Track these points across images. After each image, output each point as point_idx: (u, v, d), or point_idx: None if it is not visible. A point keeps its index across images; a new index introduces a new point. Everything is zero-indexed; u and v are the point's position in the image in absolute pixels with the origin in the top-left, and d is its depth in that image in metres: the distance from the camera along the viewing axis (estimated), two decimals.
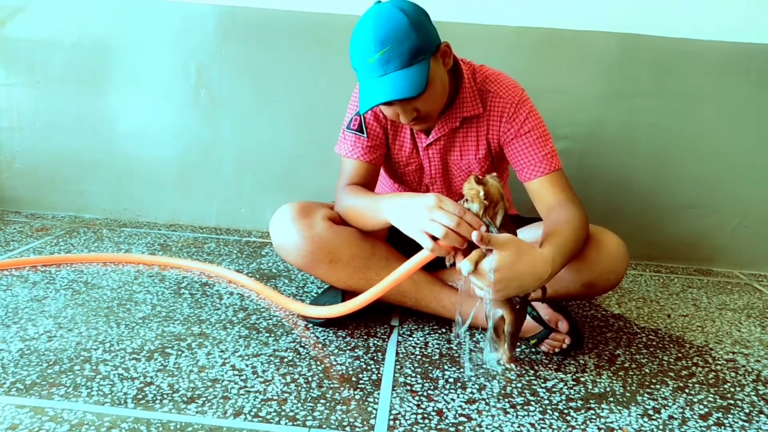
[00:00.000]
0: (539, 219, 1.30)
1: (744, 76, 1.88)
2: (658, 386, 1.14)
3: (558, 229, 1.12)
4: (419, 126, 1.26)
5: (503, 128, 1.30)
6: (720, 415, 1.06)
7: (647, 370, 1.21)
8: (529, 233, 1.32)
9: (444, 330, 1.32)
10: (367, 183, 1.35)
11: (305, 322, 1.31)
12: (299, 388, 1.03)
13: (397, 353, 1.20)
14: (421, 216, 1.03)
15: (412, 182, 1.44)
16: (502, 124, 1.30)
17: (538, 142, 1.27)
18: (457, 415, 0.98)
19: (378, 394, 1.03)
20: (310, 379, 1.07)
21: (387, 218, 1.15)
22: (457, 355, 1.20)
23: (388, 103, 1.17)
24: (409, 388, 1.06)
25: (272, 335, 1.24)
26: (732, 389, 1.16)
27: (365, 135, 1.33)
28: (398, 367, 1.14)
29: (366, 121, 1.33)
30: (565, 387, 1.11)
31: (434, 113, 1.24)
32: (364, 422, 0.94)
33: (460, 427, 0.95)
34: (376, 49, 1.11)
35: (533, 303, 1.24)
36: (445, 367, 1.15)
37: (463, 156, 1.36)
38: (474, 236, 0.97)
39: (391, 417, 0.96)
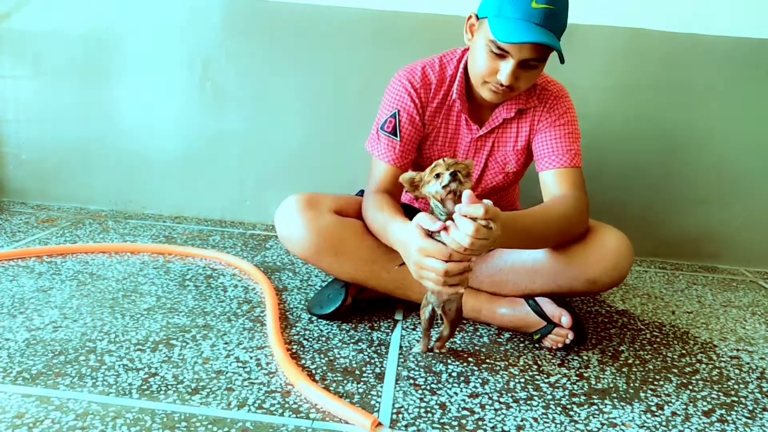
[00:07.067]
0: None
1: (752, 72, 1.87)
2: (661, 382, 1.14)
3: (532, 209, 1.15)
4: (501, 96, 1.24)
5: (542, 116, 1.31)
6: (723, 411, 1.05)
7: (651, 367, 1.21)
8: None
9: None
10: (397, 187, 1.30)
11: (309, 315, 1.32)
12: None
13: (401, 347, 1.20)
14: (414, 266, 1.03)
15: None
16: (543, 113, 1.31)
17: (567, 137, 1.28)
18: (460, 409, 0.98)
19: (381, 387, 1.04)
20: (313, 371, 1.07)
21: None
22: (460, 348, 1.21)
23: (504, 53, 1.16)
24: (412, 381, 1.06)
25: None
26: (736, 386, 1.16)
27: (398, 138, 1.31)
28: (401, 360, 1.14)
29: (401, 124, 1.31)
30: (569, 382, 1.11)
31: (519, 92, 1.26)
32: None
33: (463, 421, 0.95)
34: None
35: (536, 298, 1.24)
36: (449, 361, 1.15)
37: (499, 148, 1.36)
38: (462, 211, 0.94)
39: (395, 410, 0.97)
